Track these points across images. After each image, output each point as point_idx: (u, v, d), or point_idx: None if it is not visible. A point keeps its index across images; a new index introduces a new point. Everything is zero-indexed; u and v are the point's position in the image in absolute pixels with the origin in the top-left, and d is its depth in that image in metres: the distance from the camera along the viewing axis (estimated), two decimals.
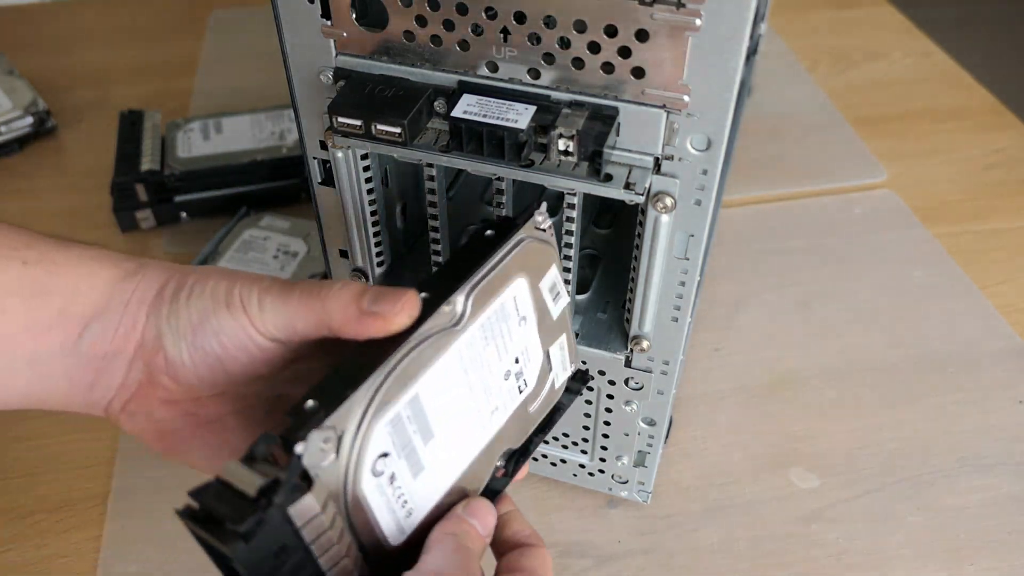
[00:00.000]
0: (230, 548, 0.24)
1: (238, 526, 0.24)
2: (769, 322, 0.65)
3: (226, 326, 0.32)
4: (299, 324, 0.32)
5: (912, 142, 0.84)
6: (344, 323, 0.30)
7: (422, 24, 0.35)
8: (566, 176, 0.35)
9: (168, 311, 0.32)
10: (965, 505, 0.53)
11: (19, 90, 0.83)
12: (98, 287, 0.33)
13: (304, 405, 0.26)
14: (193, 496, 0.25)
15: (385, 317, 0.30)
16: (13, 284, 0.32)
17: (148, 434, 0.35)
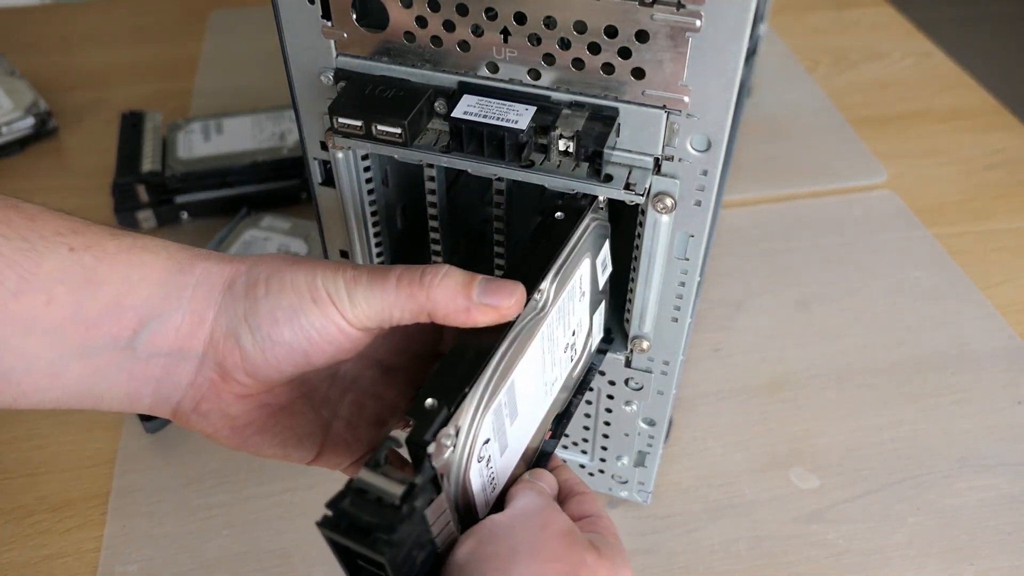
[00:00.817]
0: (384, 556, 0.25)
1: (391, 535, 0.25)
2: (769, 322, 0.65)
3: (316, 321, 0.31)
4: (396, 313, 0.31)
5: (912, 142, 0.84)
6: (450, 314, 0.31)
7: (422, 25, 0.35)
8: (566, 176, 0.35)
9: (245, 309, 0.31)
10: (965, 505, 0.53)
11: (20, 91, 0.83)
12: (151, 278, 0.31)
13: (424, 404, 0.27)
14: (332, 507, 0.26)
15: (498, 309, 0.30)
16: (60, 271, 0.30)
17: (221, 432, 0.34)
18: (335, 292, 0.31)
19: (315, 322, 0.31)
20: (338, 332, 0.31)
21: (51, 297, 0.29)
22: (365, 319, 0.31)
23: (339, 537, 0.26)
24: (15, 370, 0.30)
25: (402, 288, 0.31)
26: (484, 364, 0.29)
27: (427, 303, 0.31)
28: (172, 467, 0.55)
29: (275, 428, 0.35)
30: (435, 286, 0.31)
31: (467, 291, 0.31)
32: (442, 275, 0.31)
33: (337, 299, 0.31)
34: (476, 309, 0.30)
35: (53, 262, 0.30)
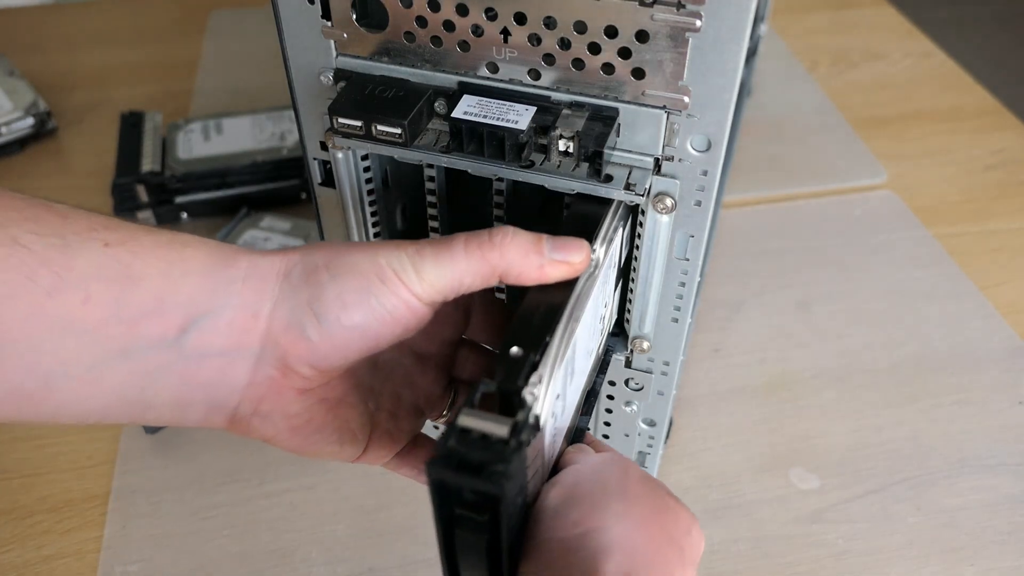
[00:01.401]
0: (500, 487, 0.26)
1: (506, 466, 0.26)
2: (769, 323, 0.65)
3: (386, 301, 0.30)
4: (467, 279, 0.31)
5: (912, 143, 0.84)
6: (524, 272, 0.31)
7: (422, 25, 0.35)
8: (566, 177, 0.35)
9: (309, 296, 0.30)
10: (965, 505, 0.53)
11: (20, 91, 0.83)
12: (194, 273, 0.30)
13: (510, 352, 0.29)
14: (439, 448, 0.26)
15: (571, 264, 0.31)
16: (95, 268, 0.28)
17: (282, 433, 0.33)
18: (401, 269, 0.30)
19: (386, 302, 0.30)
20: (407, 310, 0.31)
21: (88, 295, 0.28)
22: (434, 292, 0.31)
23: (451, 474, 0.26)
24: (54, 375, 0.28)
25: (471, 252, 0.31)
26: (557, 317, 0.30)
27: (500, 263, 0.31)
28: (172, 467, 0.55)
29: (333, 423, 0.34)
30: (507, 246, 0.31)
31: (538, 248, 0.31)
32: (511, 235, 0.31)
33: (404, 276, 0.30)
34: (549, 265, 0.31)
35: (88, 258, 0.28)
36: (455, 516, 0.27)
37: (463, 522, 0.27)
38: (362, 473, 0.54)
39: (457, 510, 0.27)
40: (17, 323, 0.27)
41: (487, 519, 0.27)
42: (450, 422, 0.27)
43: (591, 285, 0.33)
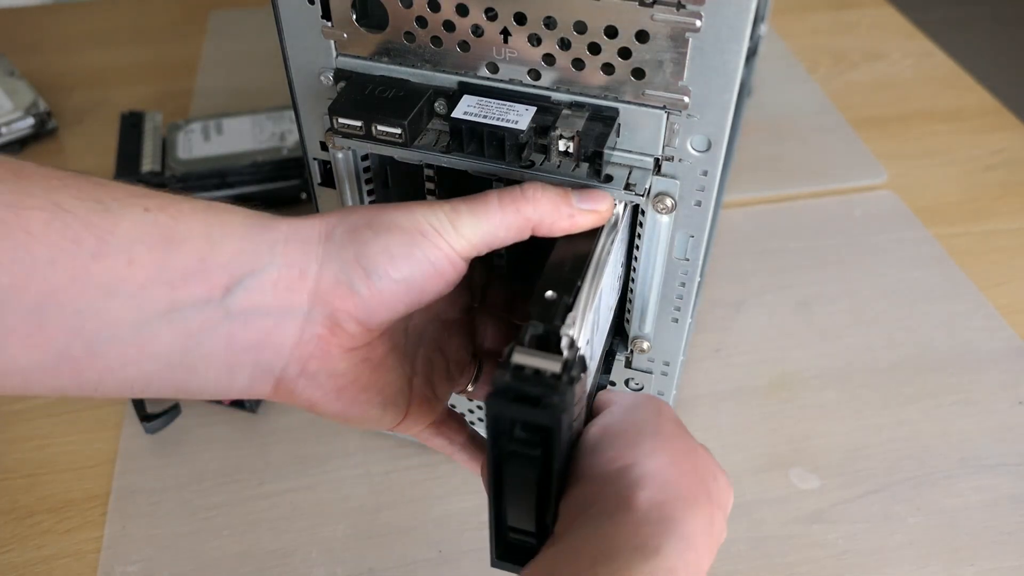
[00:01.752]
0: (555, 419, 0.27)
1: (561, 398, 0.27)
2: (769, 323, 0.65)
3: (430, 254, 0.31)
4: (502, 232, 0.32)
5: (912, 143, 0.84)
6: (556, 222, 0.33)
7: (422, 25, 0.35)
8: (566, 177, 0.35)
9: (355, 252, 0.31)
10: (965, 505, 0.53)
11: (20, 91, 0.83)
12: (235, 235, 0.30)
13: (545, 295, 0.31)
14: (499, 382, 0.28)
15: (598, 212, 0.33)
16: (137, 230, 0.29)
17: (329, 395, 0.33)
18: (439, 225, 0.32)
19: (430, 254, 0.31)
20: (448, 263, 0.32)
21: (132, 258, 0.28)
22: (471, 247, 0.32)
23: (510, 407, 0.28)
24: (99, 338, 0.28)
25: (506, 206, 0.32)
26: (586, 264, 0.33)
27: (534, 215, 0.32)
28: (172, 467, 0.55)
29: (376, 385, 0.35)
30: (539, 199, 0.32)
31: (567, 199, 0.33)
32: (542, 188, 0.33)
33: (444, 230, 0.32)
34: (579, 214, 0.33)
35: (129, 221, 0.29)
36: (508, 451, 0.29)
37: (516, 456, 0.29)
38: (362, 473, 0.54)
39: (510, 445, 0.29)
40: (62, 286, 0.27)
41: (539, 453, 0.29)
42: (504, 361, 0.29)
43: (614, 237, 0.35)
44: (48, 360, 0.28)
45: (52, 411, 0.58)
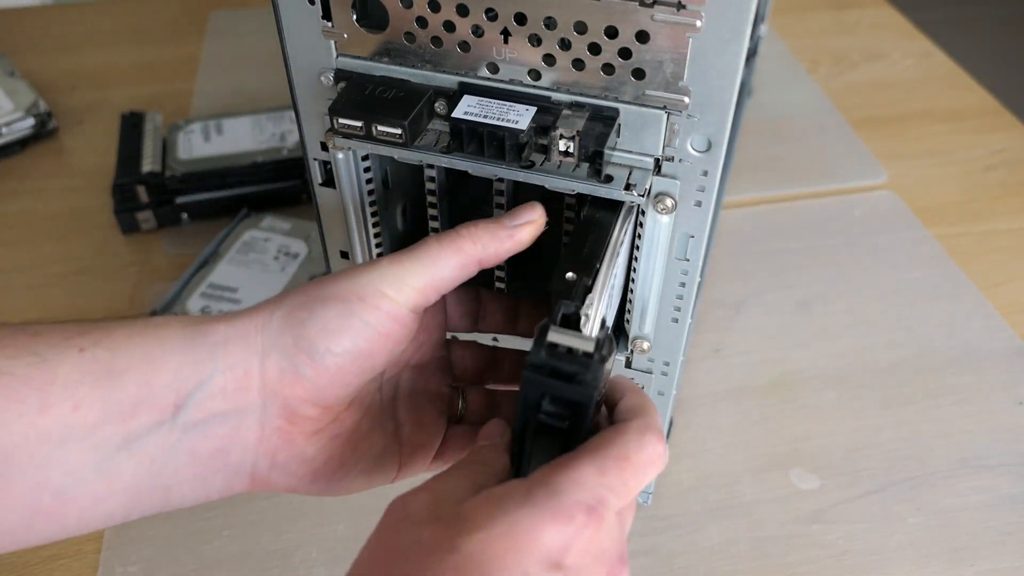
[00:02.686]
0: (588, 395, 0.29)
1: (594, 375, 0.29)
2: (769, 323, 0.65)
3: (370, 318, 0.31)
4: (447, 273, 0.33)
5: (912, 143, 0.84)
6: (499, 247, 0.33)
7: (423, 25, 0.35)
8: (566, 177, 0.35)
9: (294, 337, 0.31)
10: (965, 505, 0.53)
11: (20, 92, 0.83)
12: (175, 351, 0.30)
13: (566, 276, 0.33)
14: (535, 359, 0.29)
15: (534, 222, 0.34)
16: (76, 374, 0.29)
17: (305, 480, 0.33)
18: (381, 282, 0.31)
19: (370, 319, 0.31)
20: (393, 321, 0.32)
21: (76, 402, 0.29)
22: (417, 295, 0.32)
23: (546, 381, 0.29)
24: (65, 485, 0.29)
25: (446, 247, 0.32)
26: (604, 247, 0.34)
27: (475, 248, 0.33)
28: None
29: (354, 457, 0.34)
30: (477, 233, 0.33)
31: (501, 223, 0.34)
32: (475, 225, 0.34)
33: (385, 287, 0.31)
34: (517, 231, 0.34)
35: (67, 366, 0.29)
36: (537, 423, 0.30)
37: (544, 428, 0.30)
38: None
39: (540, 417, 0.30)
40: (17, 446, 0.28)
41: (567, 426, 0.30)
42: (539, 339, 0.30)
43: (629, 223, 0.36)
44: (21, 518, 0.29)
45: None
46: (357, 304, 0.31)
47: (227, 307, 0.61)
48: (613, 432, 0.30)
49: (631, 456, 0.29)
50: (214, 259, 0.66)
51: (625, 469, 0.29)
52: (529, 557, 0.26)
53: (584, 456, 0.28)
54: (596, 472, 0.28)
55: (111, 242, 0.72)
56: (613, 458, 0.29)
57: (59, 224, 0.74)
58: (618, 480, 0.28)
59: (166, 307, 0.61)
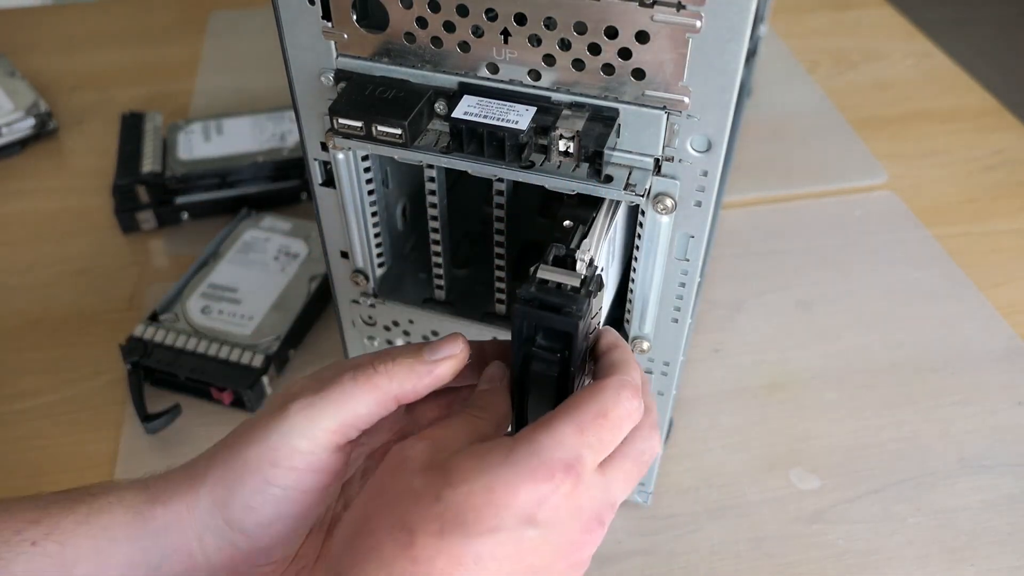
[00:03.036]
0: (574, 324, 0.31)
1: (580, 306, 0.32)
2: (769, 323, 0.65)
3: (287, 481, 0.31)
4: (363, 410, 0.32)
5: (912, 143, 0.84)
6: (417, 384, 0.33)
7: (423, 26, 0.35)
8: (566, 177, 0.35)
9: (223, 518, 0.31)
10: (965, 506, 0.53)
11: (21, 92, 0.83)
12: (121, 540, 0.31)
13: (564, 224, 0.35)
14: (522, 293, 0.32)
15: (455, 356, 0.33)
16: (30, 569, 0.30)
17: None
18: (291, 436, 0.31)
19: (288, 483, 0.31)
20: (314, 473, 0.32)
21: None
22: (333, 436, 0.32)
23: (534, 313, 0.32)
24: None
25: (361, 384, 0.32)
26: (599, 204, 0.37)
27: (391, 386, 0.32)
28: None
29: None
30: (393, 370, 0.32)
31: (420, 357, 0.33)
32: (391, 358, 0.33)
33: (297, 440, 0.31)
34: (436, 367, 0.33)
35: (21, 563, 0.30)
36: (530, 354, 0.33)
37: (538, 359, 0.33)
38: None
39: (533, 349, 0.32)
40: None
41: (558, 357, 0.32)
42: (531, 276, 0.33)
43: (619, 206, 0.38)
44: None
45: (53, 412, 0.58)
46: (271, 472, 0.31)
47: (227, 307, 0.61)
48: (592, 389, 0.31)
49: (608, 412, 0.30)
50: (214, 259, 0.66)
51: (603, 426, 0.30)
52: (506, 510, 0.28)
53: (564, 415, 0.30)
54: (575, 430, 0.29)
55: (111, 242, 0.72)
56: (592, 415, 0.30)
57: (59, 224, 0.74)
58: (595, 437, 0.30)
59: (166, 307, 0.61)
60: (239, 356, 0.57)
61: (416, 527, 0.28)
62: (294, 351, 0.61)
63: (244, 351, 0.58)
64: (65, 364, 0.61)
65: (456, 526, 0.27)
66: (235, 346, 0.58)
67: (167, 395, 0.58)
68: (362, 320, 0.48)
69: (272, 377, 0.58)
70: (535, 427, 0.30)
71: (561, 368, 0.33)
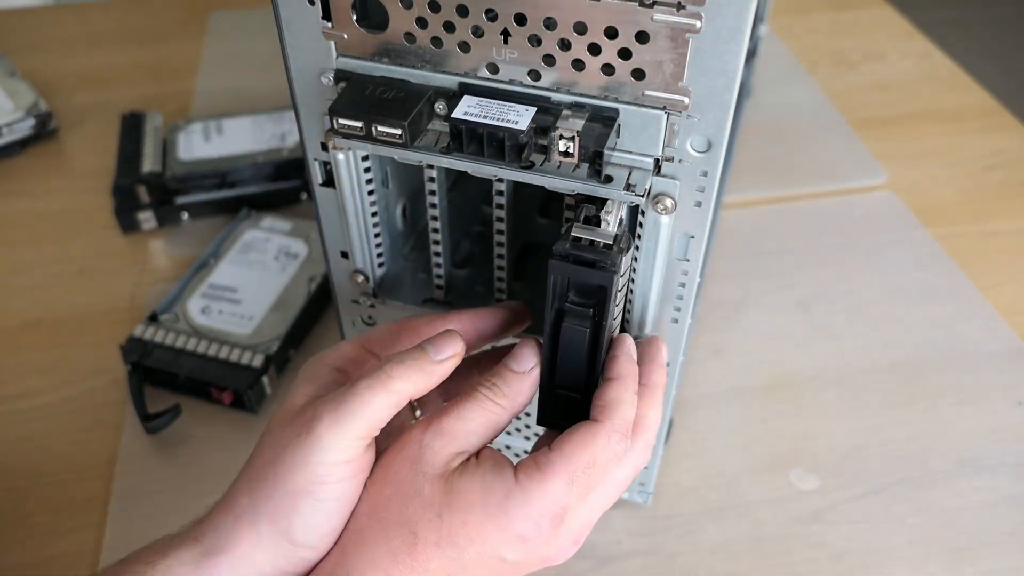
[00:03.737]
0: (608, 278, 0.33)
1: (615, 260, 0.34)
2: (769, 323, 0.65)
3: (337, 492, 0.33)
4: (384, 414, 0.34)
5: (912, 143, 0.84)
6: (427, 382, 0.34)
7: (423, 26, 0.35)
8: (566, 178, 0.35)
9: (289, 543, 0.33)
10: (965, 506, 0.53)
11: (21, 92, 0.83)
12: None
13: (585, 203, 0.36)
14: (557, 249, 0.34)
15: (457, 355, 0.35)
16: None
17: None
18: (328, 454, 0.33)
19: (336, 493, 0.33)
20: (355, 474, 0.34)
21: None
22: (362, 442, 0.33)
23: (570, 266, 0.33)
24: None
25: (377, 390, 0.33)
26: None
27: (407, 387, 0.34)
28: (173, 467, 0.55)
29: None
30: (407, 373, 0.34)
31: (427, 357, 0.35)
32: (399, 361, 0.34)
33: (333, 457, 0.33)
34: (443, 365, 0.35)
35: None
36: (566, 309, 0.35)
37: (572, 314, 0.34)
38: None
39: (567, 305, 0.34)
40: None
41: (592, 312, 0.34)
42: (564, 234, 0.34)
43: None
44: None
45: (53, 412, 0.58)
46: (320, 490, 0.33)
47: (227, 307, 0.61)
48: (585, 437, 0.34)
49: (597, 461, 0.34)
50: (214, 259, 0.66)
51: (591, 474, 0.34)
52: (494, 542, 0.33)
53: (558, 466, 0.33)
54: (566, 482, 0.33)
55: (111, 242, 0.72)
56: (583, 465, 0.33)
57: (59, 224, 0.74)
58: (583, 486, 0.34)
59: (166, 307, 0.61)
60: (239, 356, 0.57)
61: (419, 532, 0.33)
62: (294, 351, 0.61)
63: (244, 351, 0.58)
64: (65, 364, 0.61)
65: (450, 543, 0.33)
66: (235, 346, 0.58)
67: (167, 395, 0.58)
68: (362, 320, 0.48)
69: (272, 377, 0.58)
70: (530, 476, 0.33)
71: (594, 325, 0.34)
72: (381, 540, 0.33)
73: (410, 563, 0.33)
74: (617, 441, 0.34)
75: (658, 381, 0.38)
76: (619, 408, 0.35)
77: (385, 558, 0.33)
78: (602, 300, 0.34)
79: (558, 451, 0.34)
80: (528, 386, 0.36)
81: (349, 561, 0.33)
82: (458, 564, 0.33)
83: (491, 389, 0.35)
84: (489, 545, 0.33)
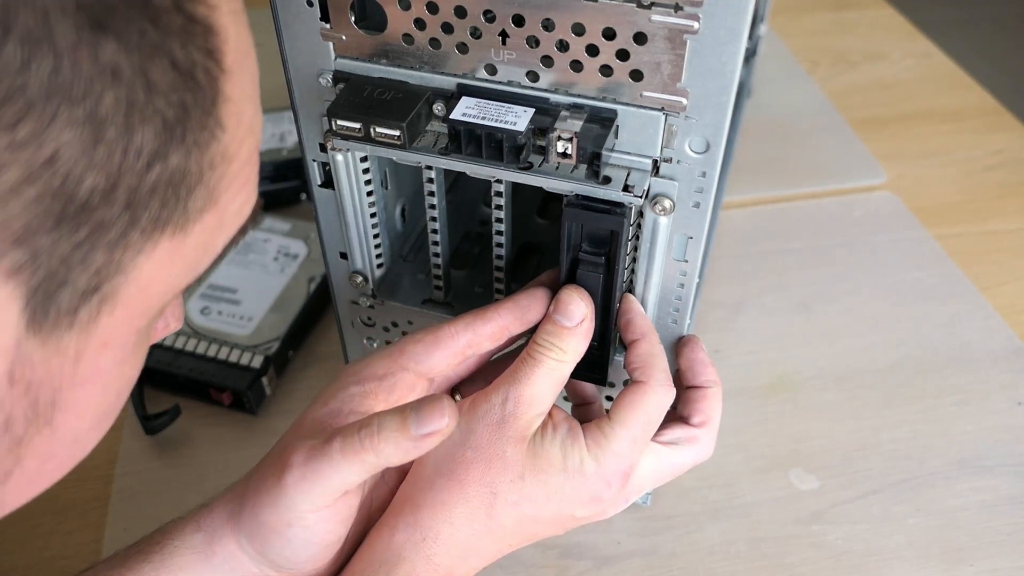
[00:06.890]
0: (619, 223, 0.35)
1: (623, 209, 0.35)
2: (769, 324, 0.65)
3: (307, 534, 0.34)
4: (353, 478, 0.33)
5: (912, 143, 0.84)
6: (403, 455, 0.33)
7: (421, 27, 0.35)
8: (565, 178, 0.35)
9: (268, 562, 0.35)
10: (965, 506, 0.53)
11: None
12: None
13: None
14: (570, 199, 0.35)
15: (441, 431, 0.32)
16: None
17: None
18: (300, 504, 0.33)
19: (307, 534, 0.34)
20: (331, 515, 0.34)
21: None
22: (331, 498, 0.33)
23: (583, 212, 0.35)
24: None
25: (349, 456, 0.33)
26: None
27: (377, 460, 0.33)
28: (173, 468, 0.55)
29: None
30: (379, 446, 0.32)
31: (406, 430, 0.32)
32: (377, 430, 0.32)
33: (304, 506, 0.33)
34: (422, 441, 0.32)
35: None
36: (578, 260, 0.37)
37: (585, 263, 0.37)
38: None
39: (580, 254, 0.37)
40: None
41: (603, 260, 0.37)
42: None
43: None
44: None
45: None
46: (289, 531, 0.33)
47: (226, 307, 0.61)
48: (639, 398, 0.37)
49: (653, 418, 0.37)
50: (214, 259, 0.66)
51: (649, 430, 0.37)
52: (573, 503, 0.37)
53: (620, 431, 0.37)
54: (629, 444, 0.37)
55: None
56: (641, 426, 0.37)
57: None
58: (644, 442, 0.38)
59: None
60: (238, 357, 0.58)
61: (499, 492, 0.36)
62: (293, 352, 0.61)
63: (243, 352, 0.58)
64: None
65: (529, 502, 0.36)
66: (234, 347, 0.58)
67: (167, 395, 0.58)
68: (361, 321, 0.48)
69: (271, 378, 0.58)
70: (599, 443, 0.36)
71: (607, 271, 0.37)
72: (459, 500, 0.35)
73: (486, 521, 0.35)
74: (663, 395, 0.37)
75: (714, 378, 0.41)
76: (655, 363, 0.38)
77: (462, 517, 0.35)
78: (615, 247, 0.36)
79: (617, 419, 0.37)
80: (583, 336, 0.38)
81: (423, 523, 0.35)
82: (532, 520, 0.36)
83: (551, 350, 0.37)
84: (566, 504, 0.36)
